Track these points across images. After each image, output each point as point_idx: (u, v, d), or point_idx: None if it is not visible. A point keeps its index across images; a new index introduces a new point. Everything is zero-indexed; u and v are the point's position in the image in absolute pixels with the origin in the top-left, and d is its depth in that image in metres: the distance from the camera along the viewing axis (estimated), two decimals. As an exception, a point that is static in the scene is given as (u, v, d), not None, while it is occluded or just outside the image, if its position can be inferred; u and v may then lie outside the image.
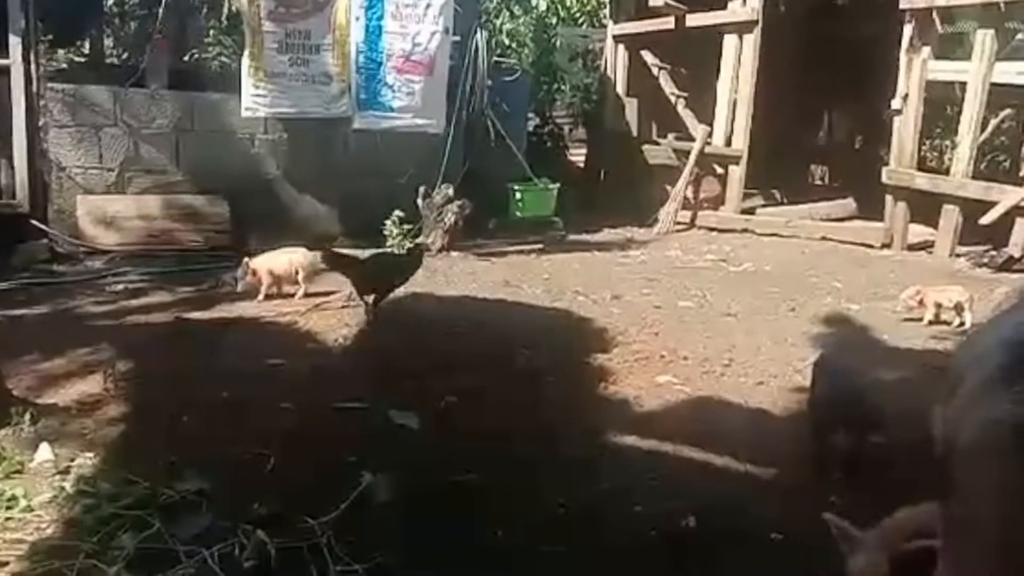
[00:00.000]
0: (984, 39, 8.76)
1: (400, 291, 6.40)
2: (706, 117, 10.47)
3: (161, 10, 8.44)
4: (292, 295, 6.47)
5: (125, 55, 11.32)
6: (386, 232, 8.02)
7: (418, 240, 8.07)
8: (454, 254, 8.10)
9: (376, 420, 4.36)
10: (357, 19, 8.34)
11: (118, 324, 5.84)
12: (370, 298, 6.11)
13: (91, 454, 3.80)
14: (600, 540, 3.33)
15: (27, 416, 4.04)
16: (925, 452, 0.79)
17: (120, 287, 6.73)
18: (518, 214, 9.70)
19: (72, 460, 3.73)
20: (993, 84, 8.86)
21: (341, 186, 8.38)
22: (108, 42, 11.71)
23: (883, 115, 10.15)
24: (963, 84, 9.07)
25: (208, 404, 4.40)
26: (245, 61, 8.00)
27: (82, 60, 10.18)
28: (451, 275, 7.36)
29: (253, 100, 8.06)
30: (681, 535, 3.34)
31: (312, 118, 8.30)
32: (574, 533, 3.37)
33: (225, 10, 8.91)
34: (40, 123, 7.56)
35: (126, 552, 3.00)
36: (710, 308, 6.77)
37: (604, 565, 3.19)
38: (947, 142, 11.44)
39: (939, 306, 6.21)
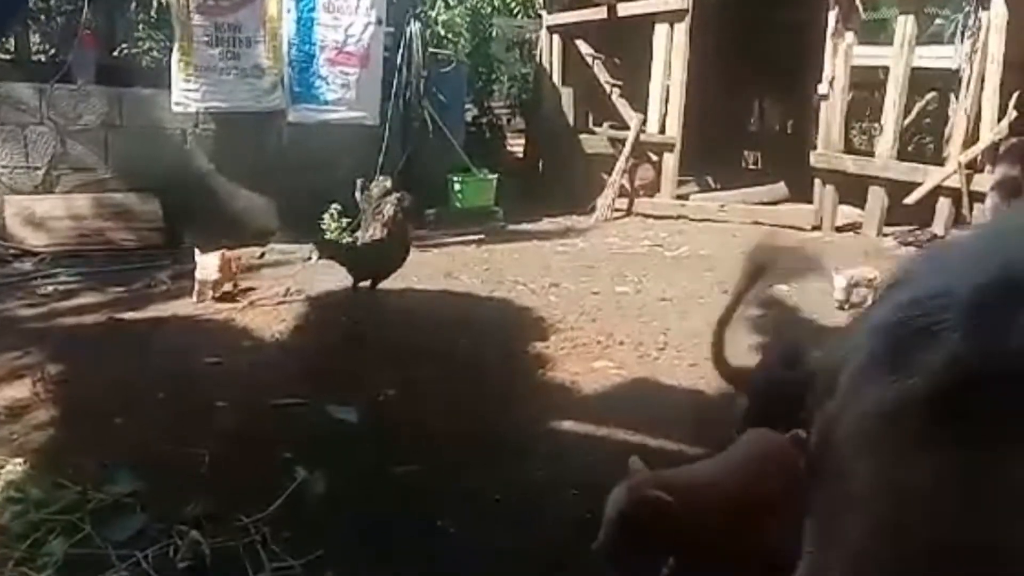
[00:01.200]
0: (904, 24, 8.99)
1: (336, 285, 6.40)
2: (640, 106, 10.57)
3: (88, 4, 8.27)
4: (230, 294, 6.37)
5: (52, 51, 11.04)
6: (324, 226, 7.97)
7: (356, 233, 8.04)
8: (392, 247, 8.08)
9: (314, 416, 4.36)
10: (289, 11, 8.26)
11: (49, 326, 5.73)
12: (366, 284, 6.31)
13: (20, 459, 3.73)
14: (538, 525, 3.38)
15: (-47, 423, 3.98)
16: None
17: (51, 289, 6.59)
18: (458, 205, 9.72)
19: (1, 466, 3.67)
20: (915, 68, 9.09)
21: (277, 180, 8.31)
22: (34, 38, 11.42)
23: (812, 100, 10.35)
24: (886, 68, 9.30)
25: (142, 405, 4.35)
26: (175, 55, 7.88)
27: (6, 57, 9.93)
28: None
29: (184, 95, 7.94)
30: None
31: (245, 112, 8.20)
32: (512, 520, 3.42)
33: (154, 4, 8.77)
34: (-38, 122, 7.37)
35: (56, 558, 2.97)
36: (646, 293, 6.86)
37: (542, 549, 3.23)
38: (875, 125, 11.68)
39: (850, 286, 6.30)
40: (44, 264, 7.20)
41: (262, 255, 7.73)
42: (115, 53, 9.80)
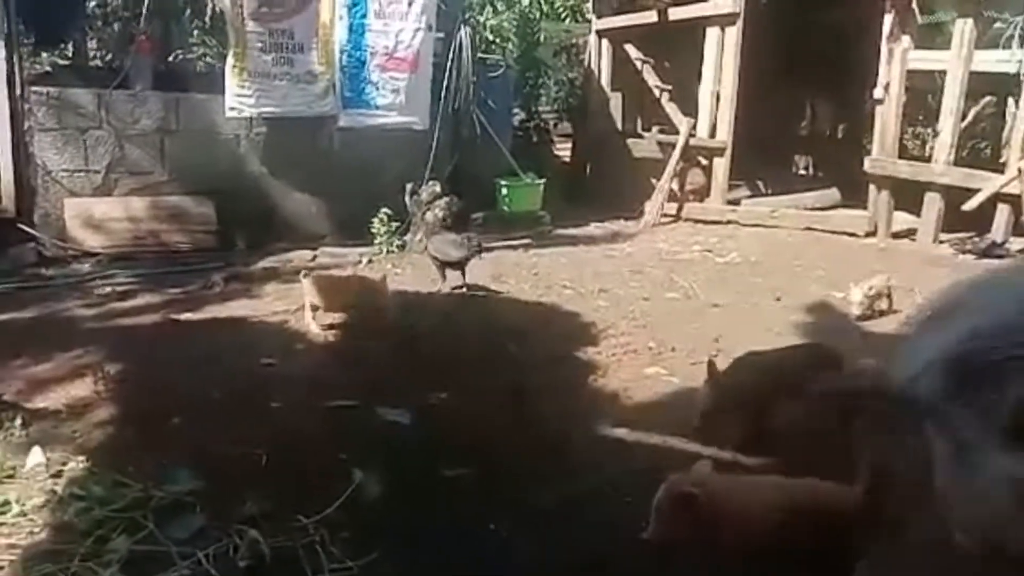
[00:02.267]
0: (963, 28, 8.83)
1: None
2: (690, 109, 10.52)
3: (144, 11, 8.43)
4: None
5: (109, 57, 11.27)
6: (373, 230, 8.03)
7: (405, 237, 8.10)
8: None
9: (367, 418, 4.39)
10: (341, 18, 8.34)
11: (107, 326, 5.84)
12: (456, 274, 6.84)
13: (82, 457, 3.81)
14: (592, 531, 3.37)
15: (17, 421, 4.06)
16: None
17: (108, 289, 6.73)
18: (505, 209, 9.74)
19: (64, 464, 3.74)
20: (972, 72, 8.93)
21: (327, 185, 8.39)
22: (91, 44, 11.66)
23: (865, 105, 10.22)
24: (943, 73, 9.14)
25: (199, 405, 4.42)
26: (229, 61, 7.99)
27: (65, 63, 10.15)
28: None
29: (237, 100, 8.05)
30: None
31: (297, 117, 8.30)
32: (566, 525, 3.41)
33: (209, 11, 8.90)
34: (25, 127, 7.53)
35: (120, 554, 3.02)
36: (697, 299, 6.82)
37: (596, 555, 3.22)
38: (929, 130, 11.50)
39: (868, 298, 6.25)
40: (102, 265, 7.34)
41: (314, 258, 7.82)
42: (170, 59, 9.98)
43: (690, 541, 2.76)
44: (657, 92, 11.08)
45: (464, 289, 6.86)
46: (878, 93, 9.58)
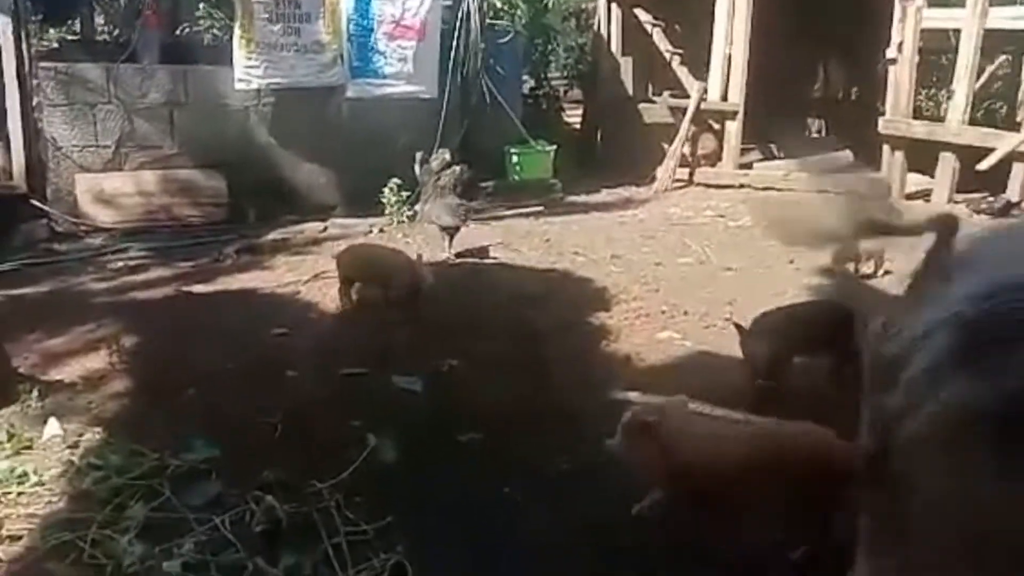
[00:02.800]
0: (979, -16, 8.69)
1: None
2: (701, 73, 10.40)
3: (150, -16, 8.39)
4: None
5: (116, 31, 11.22)
6: (384, 200, 8.01)
7: (416, 207, 8.07)
8: (453, 219, 8.09)
9: (380, 386, 4.40)
10: (347, -14, 8.28)
11: (120, 300, 5.87)
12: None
13: (99, 428, 3.85)
14: (604, 493, 3.37)
15: (34, 393, 4.10)
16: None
17: (121, 264, 6.75)
18: (515, 177, 9.69)
19: (80, 435, 3.79)
20: (987, 30, 8.79)
21: (337, 155, 8.37)
22: (98, 19, 11.62)
23: (879, 66, 10.09)
24: (958, 31, 9.01)
25: (213, 375, 4.44)
26: (236, 32, 7.94)
27: (73, 38, 10.12)
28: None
29: (246, 71, 8.01)
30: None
31: (306, 87, 8.26)
32: (579, 487, 3.42)
33: (214, -18, 8.84)
34: (34, 102, 7.53)
35: (137, 521, 3.06)
36: (709, 263, 6.79)
37: (608, 517, 3.23)
38: (943, 91, 11.35)
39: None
40: (114, 240, 7.36)
41: (324, 229, 7.81)
42: (177, 32, 9.92)
43: (646, 466, 3.02)
44: (668, 56, 10.96)
45: (451, 257, 6.85)
46: (891, 53, 9.45)
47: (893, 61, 9.45)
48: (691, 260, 6.90)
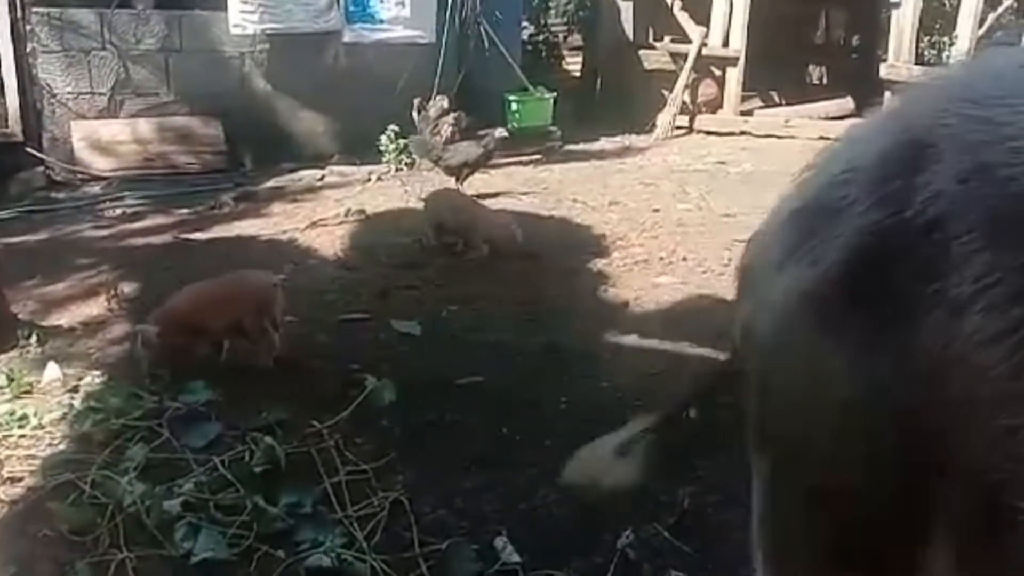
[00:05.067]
0: (985, -75, 8.56)
1: (394, 205, 6.47)
2: (703, 19, 10.27)
3: (143, -73, 8.23)
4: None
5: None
6: (381, 147, 7.96)
7: (414, 155, 8.01)
8: (451, 167, 8.04)
9: (379, 330, 4.42)
10: (342, -72, 8.14)
11: (118, 247, 5.86)
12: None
13: (98, 372, 3.87)
14: (601, 433, 3.39)
15: (33, 338, 4.12)
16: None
17: (118, 211, 6.73)
18: (514, 124, 9.60)
19: (80, 379, 3.80)
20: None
21: (334, 102, 8.28)
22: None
23: (881, 13, 9.96)
24: (963, -26, 8.89)
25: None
26: (231, -24, 7.84)
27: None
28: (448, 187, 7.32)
29: (241, 16, 7.91)
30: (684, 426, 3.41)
31: (302, 33, 8.16)
32: (577, 428, 3.43)
33: (207, -76, 8.66)
34: (28, 48, 7.44)
35: (137, 462, 3.08)
36: (709, 210, 6.76)
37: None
38: (945, 39, 11.22)
39: None
40: (111, 187, 7.32)
41: (322, 177, 7.76)
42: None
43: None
44: (669, 1, 10.81)
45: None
46: (895, -3, 9.34)
47: (896, 5, 9.34)
48: (690, 207, 6.87)
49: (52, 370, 3.82)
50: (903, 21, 9.33)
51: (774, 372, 0.90)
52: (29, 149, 7.43)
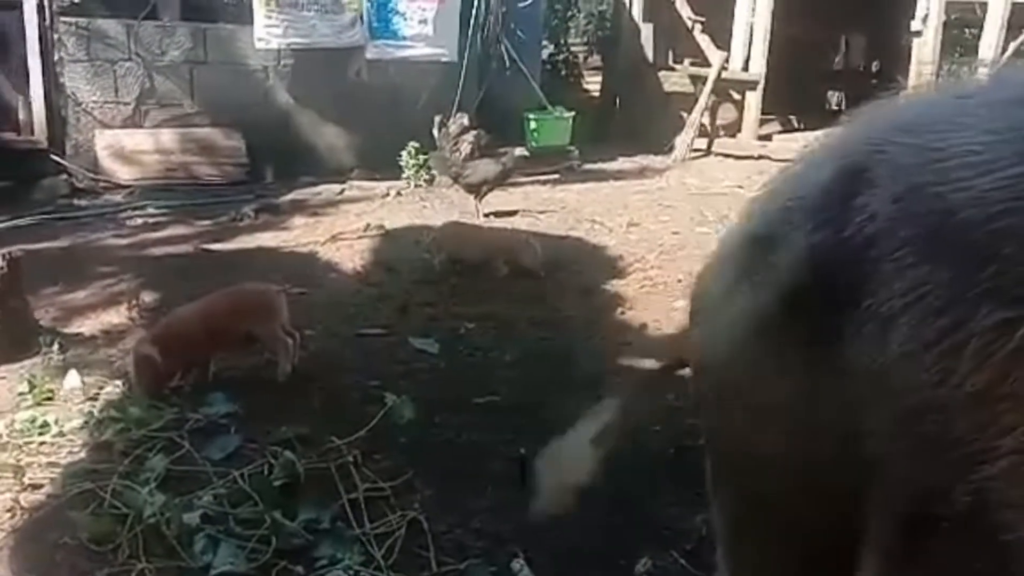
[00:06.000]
0: (1008, -44, 8.57)
1: (413, 221, 6.48)
2: (723, 42, 10.30)
3: (171, -60, 8.33)
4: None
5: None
6: (402, 163, 8.00)
7: (433, 171, 8.05)
8: (470, 184, 8.07)
9: (397, 346, 4.43)
10: (368, -54, 8.23)
11: (140, 256, 5.92)
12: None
13: (119, 381, 3.89)
14: (621, 457, 3.39)
15: (55, 345, 4.14)
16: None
17: (140, 220, 6.80)
18: (533, 143, 9.64)
19: (100, 387, 3.83)
20: (1015, 3, 8.68)
21: (355, 117, 8.35)
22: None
23: (902, 39, 9.97)
24: (984, 4, 8.89)
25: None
26: (257, -9, 7.92)
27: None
28: (466, 205, 7.35)
29: (266, 31, 8.01)
30: (700, 451, 3.41)
31: (325, 48, 8.24)
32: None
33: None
34: (55, 58, 7.54)
35: (157, 473, 3.10)
36: (727, 234, 6.75)
37: (624, 479, 3.25)
38: (964, 67, 11.20)
39: None
40: (133, 196, 7.40)
41: (342, 191, 7.82)
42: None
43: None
44: (690, 24, 10.83)
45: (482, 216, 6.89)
46: (916, 25, 9.34)
47: (918, 33, 9.34)
48: (709, 230, 6.88)
49: (73, 378, 3.86)
50: (924, 48, 9.32)
51: (726, 397, 0.92)
52: (54, 156, 7.52)
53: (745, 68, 10.13)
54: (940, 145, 0.79)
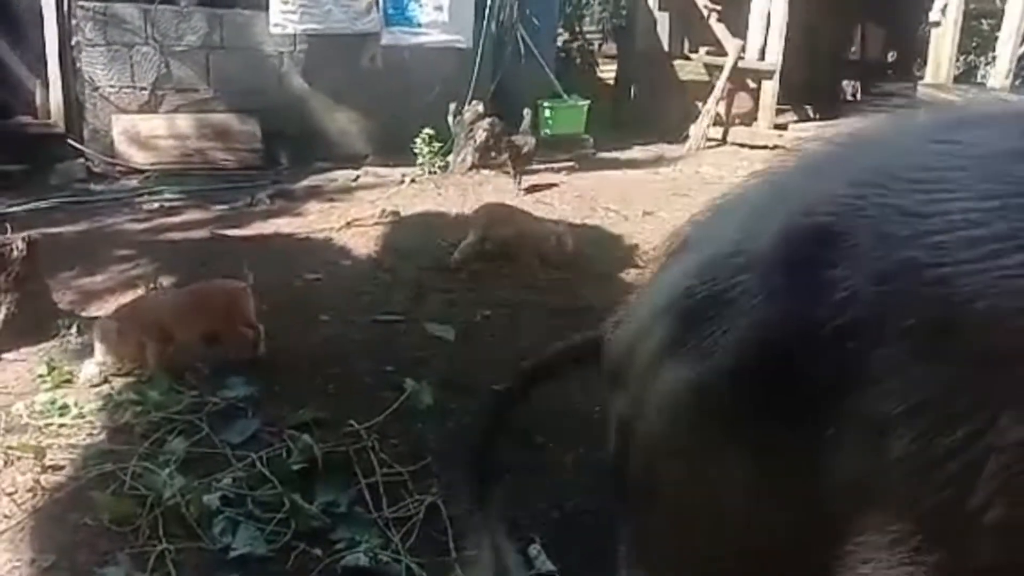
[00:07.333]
0: (1030, -55, 8.49)
1: (428, 208, 6.47)
2: (739, 31, 10.24)
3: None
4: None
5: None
6: (416, 150, 8.00)
7: (448, 158, 8.05)
8: (484, 172, 8.07)
9: (413, 332, 4.44)
10: (384, -69, 8.21)
11: (155, 240, 5.94)
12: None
13: (136, 365, 3.91)
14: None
15: (73, 329, 4.17)
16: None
17: (156, 205, 6.82)
18: (548, 131, 9.61)
19: (119, 370, 3.85)
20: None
21: (370, 104, 8.35)
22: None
23: (919, 29, 9.90)
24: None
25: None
26: (273, -24, 7.92)
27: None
28: (481, 193, 7.35)
29: (282, 16, 8.00)
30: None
31: (340, 34, 8.23)
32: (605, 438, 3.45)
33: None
34: (72, 42, 7.55)
35: (177, 455, 3.12)
36: (742, 223, 6.73)
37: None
38: (983, 58, 11.13)
39: None
40: (149, 181, 7.42)
41: (356, 178, 7.82)
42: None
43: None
44: (706, 12, 10.77)
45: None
46: (934, 16, 9.27)
47: (936, 24, 9.27)
48: (724, 219, 6.85)
49: (90, 367, 3.87)
50: (942, 40, 9.26)
51: (661, 474, 0.82)
52: (70, 141, 7.54)
53: (761, 57, 10.07)
54: (930, 210, 0.67)
